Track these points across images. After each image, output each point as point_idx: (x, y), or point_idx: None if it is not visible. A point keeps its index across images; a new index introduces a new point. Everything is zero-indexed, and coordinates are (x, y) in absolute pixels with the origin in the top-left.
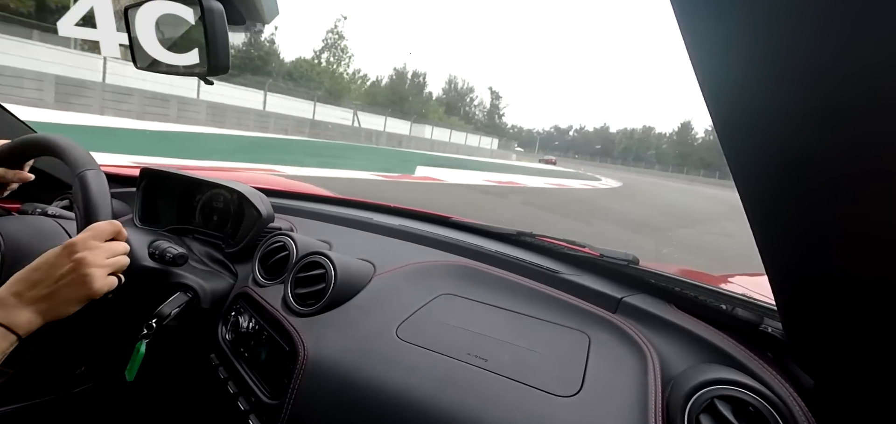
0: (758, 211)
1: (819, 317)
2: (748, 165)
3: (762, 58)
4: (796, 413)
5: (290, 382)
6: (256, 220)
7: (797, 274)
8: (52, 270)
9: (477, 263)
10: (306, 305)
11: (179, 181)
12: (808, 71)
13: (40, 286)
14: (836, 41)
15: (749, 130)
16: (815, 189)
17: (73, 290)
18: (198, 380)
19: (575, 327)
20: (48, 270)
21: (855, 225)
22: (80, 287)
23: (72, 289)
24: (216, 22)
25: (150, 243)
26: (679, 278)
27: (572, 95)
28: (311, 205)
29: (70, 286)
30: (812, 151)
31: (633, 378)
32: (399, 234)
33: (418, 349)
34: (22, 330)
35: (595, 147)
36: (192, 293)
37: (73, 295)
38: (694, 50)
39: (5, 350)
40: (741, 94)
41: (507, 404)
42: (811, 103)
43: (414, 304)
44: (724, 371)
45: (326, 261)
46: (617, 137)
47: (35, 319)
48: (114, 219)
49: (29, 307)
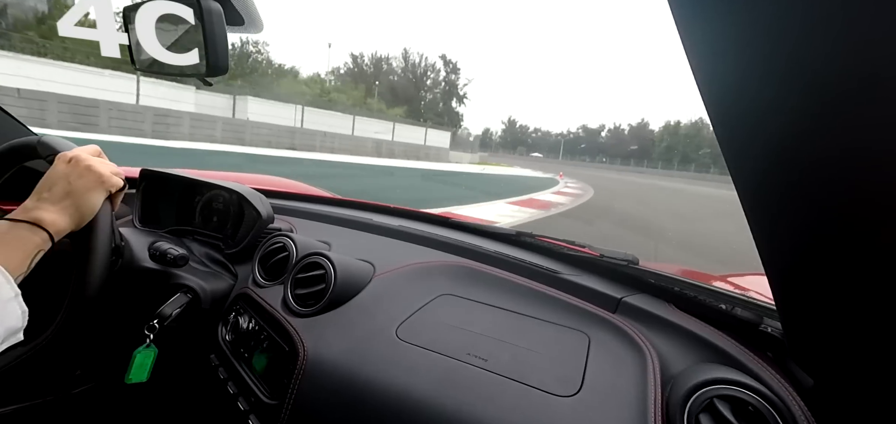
0: (756, 210)
1: (818, 317)
2: (746, 164)
3: (760, 57)
4: (796, 412)
5: (289, 382)
6: (256, 221)
7: (796, 274)
8: (60, 173)
9: (476, 263)
10: (306, 305)
11: (179, 182)
12: (807, 70)
13: (56, 187)
14: (835, 40)
15: (747, 130)
16: (814, 189)
17: (86, 181)
18: (198, 381)
19: (574, 327)
20: (57, 176)
21: (854, 224)
22: (91, 177)
23: (85, 180)
24: (215, 23)
25: (151, 245)
26: (679, 277)
27: (604, 90)
28: (310, 206)
29: (82, 178)
30: (811, 151)
31: (632, 377)
32: (398, 234)
33: (418, 350)
34: (51, 227)
35: (630, 148)
36: (193, 294)
37: (89, 186)
38: (692, 49)
39: (38, 246)
40: (739, 93)
41: (506, 404)
42: (810, 103)
43: (413, 304)
44: (723, 370)
45: (326, 262)
46: (658, 134)
47: (60, 217)
48: (116, 233)
49: (52, 206)
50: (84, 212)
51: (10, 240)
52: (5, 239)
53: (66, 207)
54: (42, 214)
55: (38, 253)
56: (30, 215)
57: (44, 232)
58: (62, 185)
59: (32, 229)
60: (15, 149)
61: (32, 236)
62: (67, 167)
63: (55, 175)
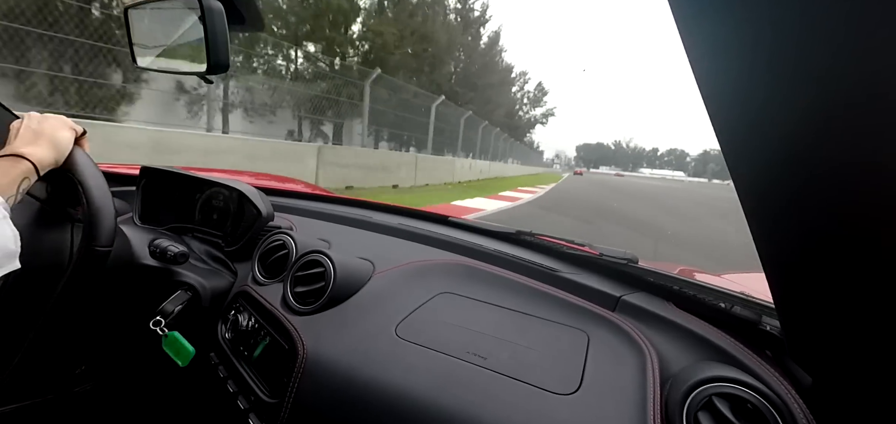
0: (756, 210)
1: (817, 315)
2: (746, 163)
3: (761, 58)
4: (794, 410)
5: (289, 381)
6: (256, 218)
7: (795, 273)
8: (21, 124)
9: (476, 261)
10: (306, 303)
11: (179, 180)
12: (808, 71)
13: (21, 132)
14: (836, 40)
15: (747, 130)
16: (814, 188)
17: (50, 123)
18: (197, 379)
19: (574, 325)
20: (18, 126)
21: (853, 224)
22: (52, 121)
23: (49, 123)
24: (216, 21)
25: (151, 242)
26: (678, 276)
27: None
28: (310, 204)
29: (44, 122)
30: (810, 151)
31: (631, 375)
32: (398, 233)
33: (417, 348)
34: (33, 157)
35: (592, 156)
36: (193, 292)
37: (54, 126)
38: (693, 50)
39: (24, 173)
40: (740, 93)
41: (505, 402)
42: (810, 103)
43: (413, 302)
44: (722, 368)
45: (325, 260)
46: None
47: (39, 149)
48: (115, 217)
49: (29, 141)
50: (59, 145)
51: None
52: None
53: (40, 143)
54: (18, 148)
55: (25, 181)
56: (7, 150)
57: (26, 162)
58: (26, 130)
59: (13, 160)
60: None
61: (16, 165)
62: (25, 120)
63: (16, 126)
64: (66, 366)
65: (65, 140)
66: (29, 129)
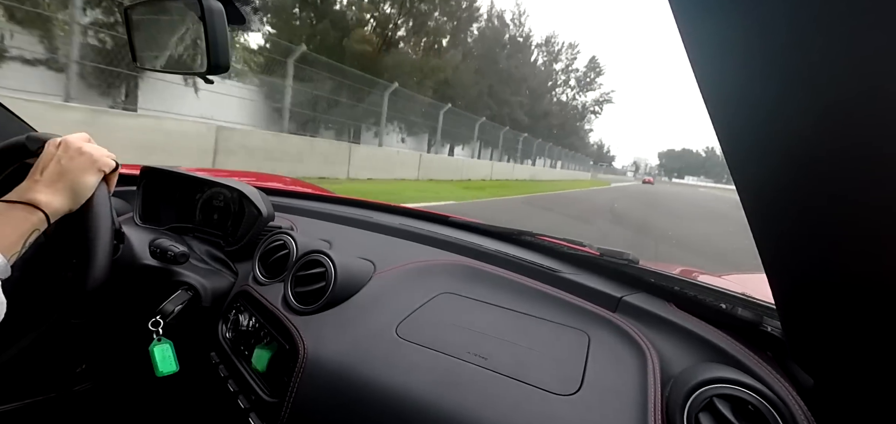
0: (757, 211)
1: (818, 316)
2: (747, 164)
3: (761, 57)
4: (796, 412)
5: (290, 380)
6: (256, 218)
7: (796, 273)
8: (51, 155)
9: (477, 261)
10: (306, 303)
11: (180, 180)
12: (808, 71)
13: (48, 169)
14: (837, 41)
15: (748, 130)
16: (814, 189)
17: (79, 162)
18: (198, 378)
19: (574, 326)
20: (48, 158)
21: (854, 225)
22: (82, 158)
23: (77, 162)
24: (216, 21)
25: (151, 242)
26: (679, 277)
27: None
28: (311, 204)
29: (73, 160)
30: (811, 151)
31: (632, 376)
32: (399, 233)
33: (418, 348)
34: (47, 208)
35: (675, 165)
36: (194, 292)
37: (82, 166)
38: (693, 50)
39: (35, 225)
40: (740, 93)
41: (506, 402)
42: (810, 103)
43: (414, 303)
44: (723, 369)
45: (326, 260)
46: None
47: (56, 198)
48: (115, 217)
49: (47, 187)
50: (79, 192)
51: (3, 220)
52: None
53: (61, 188)
54: (36, 195)
55: (34, 233)
56: (24, 196)
57: (39, 212)
58: (54, 166)
59: (27, 209)
60: (2, 151)
61: (28, 217)
62: (58, 150)
63: (46, 158)
64: (66, 365)
65: (87, 187)
66: (58, 164)
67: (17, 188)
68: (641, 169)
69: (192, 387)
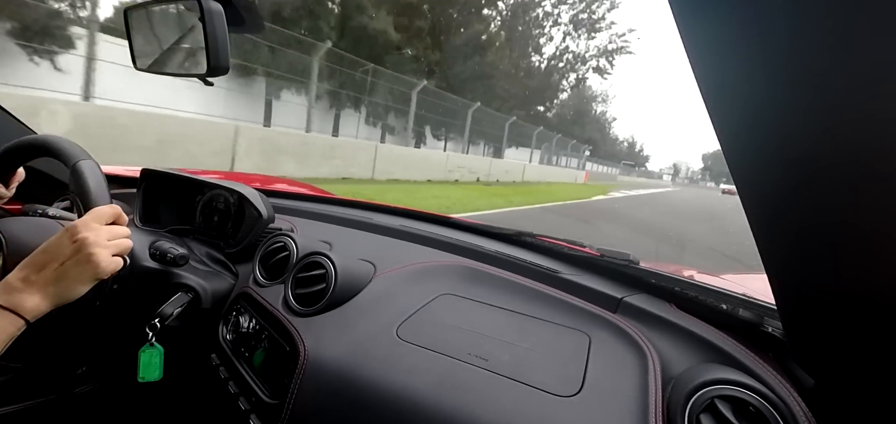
0: (757, 211)
1: (819, 317)
2: (748, 165)
3: (762, 58)
4: (797, 412)
5: (290, 382)
6: (257, 220)
7: (797, 274)
8: (58, 252)
9: (477, 263)
10: (307, 305)
11: (180, 182)
12: (809, 71)
13: (47, 268)
14: (837, 41)
15: (748, 131)
16: (815, 190)
17: (80, 270)
18: (198, 380)
19: (575, 327)
20: (54, 252)
21: (855, 225)
22: (86, 267)
23: (79, 269)
24: (216, 23)
25: (151, 244)
26: (679, 277)
27: None
28: (311, 205)
29: (77, 267)
30: (812, 152)
31: (633, 378)
32: (399, 234)
33: (418, 349)
34: (29, 314)
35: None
36: (194, 294)
37: (80, 276)
38: (693, 50)
39: (13, 335)
40: (740, 94)
41: (507, 404)
42: (811, 104)
43: (414, 304)
44: (724, 370)
45: (327, 261)
46: None
47: (43, 303)
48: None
49: (37, 292)
50: (68, 298)
51: None
52: None
53: (52, 293)
54: (24, 301)
55: (11, 338)
56: (11, 299)
57: (21, 320)
58: (54, 269)
59: (9, 317)
60: (21, 148)
61: (6, 327)
62: (70, 248)
63: (52, 253)
64: (67, 367)
65: (79, 293)
66: (60, 267)
67: (7, 281)
68: (682, 172)
69: (192, 389)
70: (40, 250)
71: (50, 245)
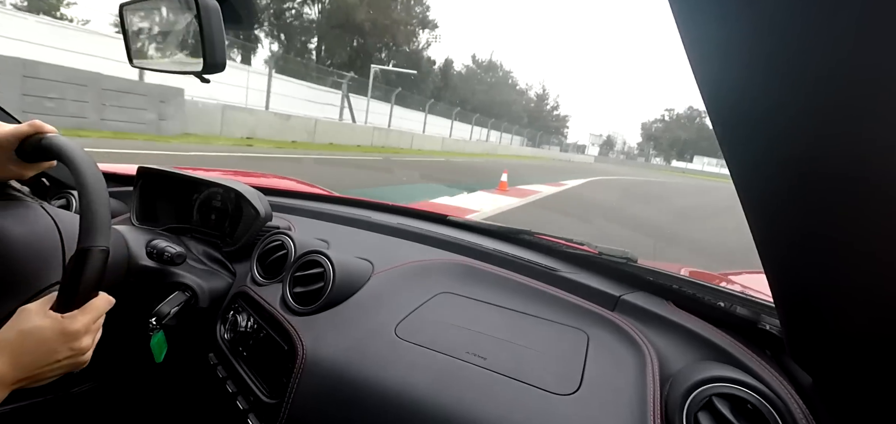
0: (756, 210)
1: (817, 315)
2: (747, 164)
3: (762, 58)
4: (794, 410)
5: (288, 381)
6: (254, 219)
7: (796, 273)
8: (48, 356)
9: (475, 261)
10: (305, 304)
11: (177, 180)
12: (809, 72)
13: (26, 357)
14: (836, 41)
15: (748, 130)
16: (814, 189)
17: (60, 362)
18: (196, 380)
19: (573, 325)
20: (43, 355)
21: (853, 225)
22: (67, 362)
23: (60, 361)
24: (212, 20)
25: (148, 242)
26: (677, 275)
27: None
28: (309, 204)
29: (59, 357)
30: (811, 152)
31: (631, 375)
32: (397, 232)
33: (417, 348)
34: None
35: (679, 138)
36: (191, 293)
37: (58, 368)
38: (693, 50)
39: None
40: (740, 94)
41: (505, 402)
42: (811, 104)
43: (412, 302)
44: (722, 368)
45: (325, 260)
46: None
47: (13, 374)
48: (111, 217)
49: (12, 371)
50: (40, 379)
51: None
52: None
53: (25, 379)
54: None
55: None
56: None
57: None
58: (37, 367)
59: None
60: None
61: None
62: (57, 341)
63: (41, 354)
64: None
65: (51, 378)
66: (36, 356)
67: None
68: (617, 146)
69: (190, 388)
70: (27, 348)
71: (40, 345)
